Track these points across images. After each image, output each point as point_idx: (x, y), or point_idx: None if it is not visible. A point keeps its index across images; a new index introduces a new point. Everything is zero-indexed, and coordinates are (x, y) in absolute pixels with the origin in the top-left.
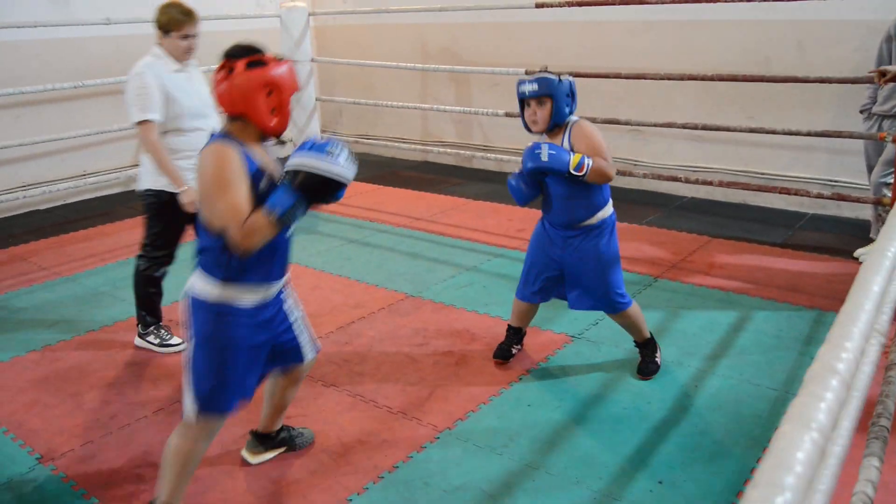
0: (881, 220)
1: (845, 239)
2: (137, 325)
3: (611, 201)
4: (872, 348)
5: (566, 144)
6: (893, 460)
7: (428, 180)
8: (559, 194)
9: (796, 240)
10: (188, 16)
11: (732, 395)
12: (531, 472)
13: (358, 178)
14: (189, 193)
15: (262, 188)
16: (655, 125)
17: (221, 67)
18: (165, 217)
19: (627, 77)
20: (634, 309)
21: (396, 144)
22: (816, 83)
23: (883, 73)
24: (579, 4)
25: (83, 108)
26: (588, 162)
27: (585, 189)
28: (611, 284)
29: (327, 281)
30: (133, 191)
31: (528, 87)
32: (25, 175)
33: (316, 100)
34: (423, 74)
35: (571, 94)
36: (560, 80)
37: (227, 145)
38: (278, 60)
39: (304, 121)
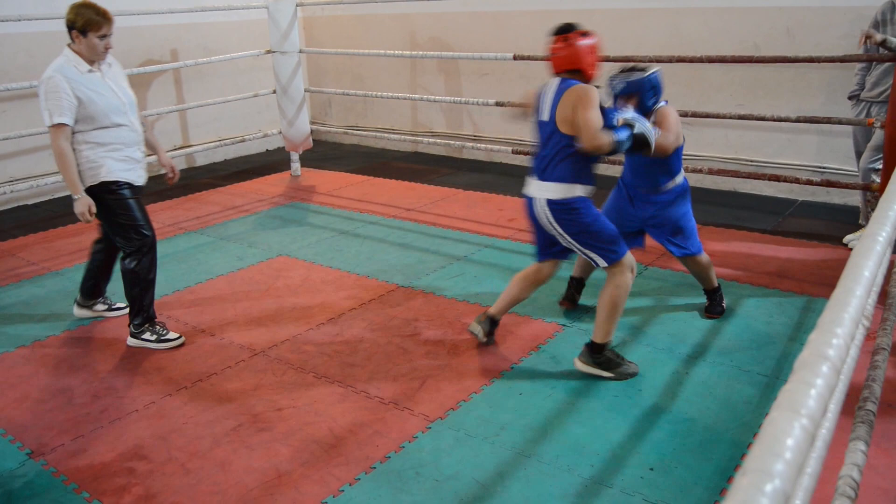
0: (870, 205)
1: (835, 225)
2: (129, 325)
3: (683, 169)
4: (861, 334)
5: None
6: (882, 443)
7: (418, 171)
8: (644, 161)
9: (786, 226)
10: (104, 16)
11: (722, 382)
12: (523, 460)
13: (348, 168)
14: (83, 202)
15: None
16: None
17: (559, 39)
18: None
19: (615, 60)
20: (704, 257)
21: (386, 135)
22: (805, 68)
23: (868, 37)
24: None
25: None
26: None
27: (658, 160)
28: (689, 233)
29: (318, 272)
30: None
31: (618, 87)
32: (13, 169)
33: (305, 91)
34: (413, 64)
35: (655, 87)
36: (646, 76)
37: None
38: (592, 34)
39: (293, 112)
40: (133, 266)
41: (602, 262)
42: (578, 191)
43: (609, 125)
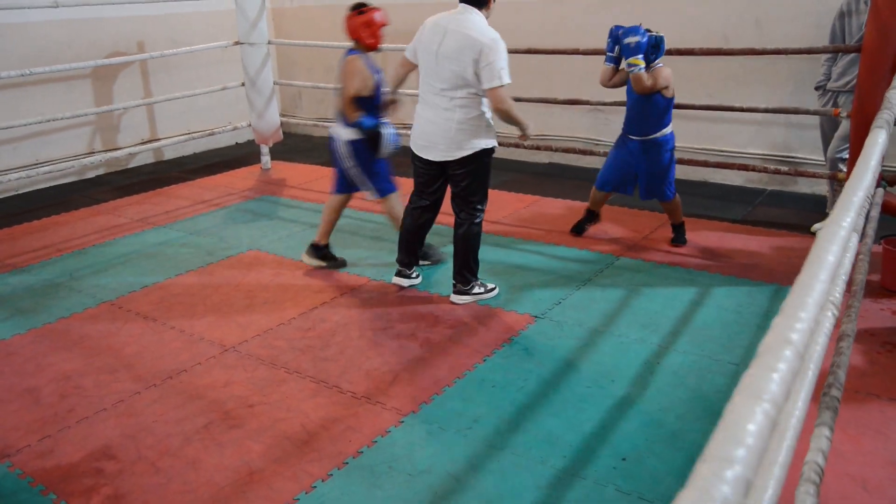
0: (837, 194)
1: (803, 214)
2: (457, 284)
3: (671, 124)
4: (827, 320)
5: None
6: (848, 430)
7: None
8: (637, 111)
9: (755, 216)
10: None
11: (693, 371)
12: (496, 452)
13: (319, 161)
14: (532, 126)
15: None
16: (615, 104)
17: (348, 14)
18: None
19: (584, 53)
20: (677, 199)
21: None
22: (773, 58)
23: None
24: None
25: (33, 94)
26: (640, 68)
27: (654, 109)
28: (669, 181)
29: (288, 267)
30: (86, 179)
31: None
32: None
33: (274, 83)
34: (383, 56)
35: (656, 46)
36: (647, 36)
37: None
38: (372, 10)
39: (263, 105)
40: (479, 228)
41: (372, 196)
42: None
43: (376, 98)
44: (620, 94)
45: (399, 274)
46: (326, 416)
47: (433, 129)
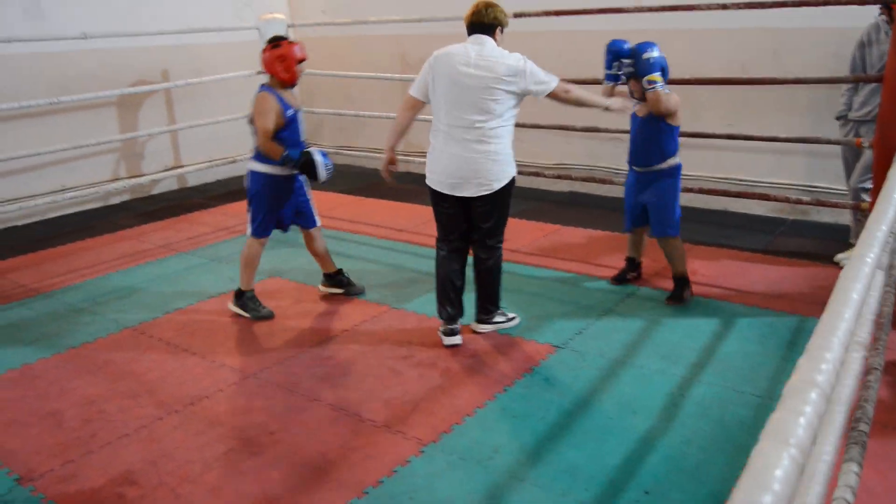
0: (861, 224)
1: (825, 244)
2: (486, 314)
3: (678, 153)
4: (854, 358)
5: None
6: (878, 465)
7: (409, 191)
8: (641, 139)
9: (777, 245)
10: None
11: (716, 403)
12: (517, 484)
13: (339, 189)
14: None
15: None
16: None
17: (265, 49)
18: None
19: (595, 83)
20: (679, 242)
21: (378, 155)
22: (793, 88)
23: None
24: (556, 14)
25: (61, 122)
26: (660, 85)
27: (658, 136)
28: (670, 215)
29: (309, 294)
30: (110, 205)
31: (626, 69)
32: (2, 191)
33: None
34: (404, 85)
35: (662, 70)
36: (665, 60)
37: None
38: (284, 45)
39: None
40: (502, 258)
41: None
42: (264, 168)
43: (289, 132)
44: None
45: (449, 333)
46: (346, 444)
47: (463, 164)
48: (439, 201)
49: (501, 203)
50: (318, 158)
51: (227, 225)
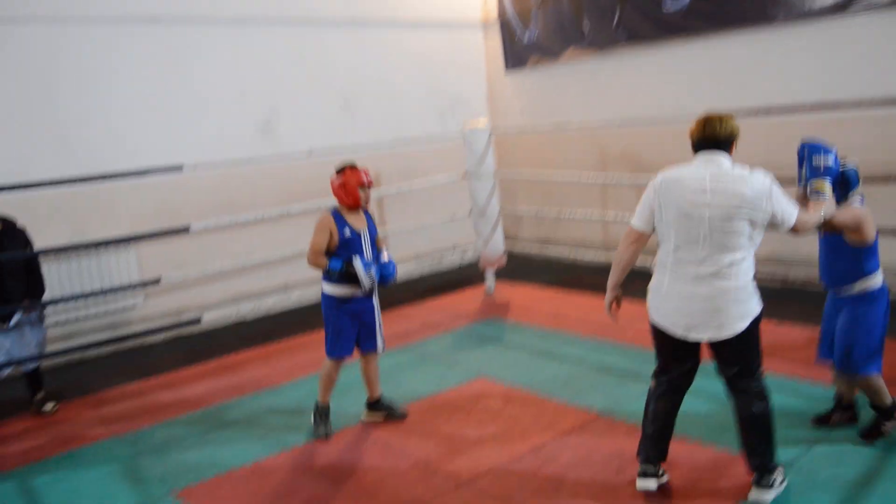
0: None
1: None
2: (761, 477)
3: (880, 274)
4: None
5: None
6: None
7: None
8: (825, 252)
9: None
10: None
11: None
12: None
13: (540, 282)
14: None
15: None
16: None
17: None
18: None
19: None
20: (874, 379)
21: (578, 248)
22: None
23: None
24: (766, 112)
25: (286, 226)
26: (825, 198)
27: (846, 250)
28: (865, 350)
29: (517, 397)
30: None
31: (808, 169)
32: (238, 288)
33: (499, 212)
34: (603, 177)
35: (842, 183)
36: (839, 168)
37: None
38: (346, 172)
39: (489, 231)
40: (768, 396)
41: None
42: (327, 289)
43: (346, 250)
44: None
45: (644, 474)
46: None
47: (696, 305)
48: (659, 337)
49: (747, 345)
50: (359, 265)
51: (433, 321)
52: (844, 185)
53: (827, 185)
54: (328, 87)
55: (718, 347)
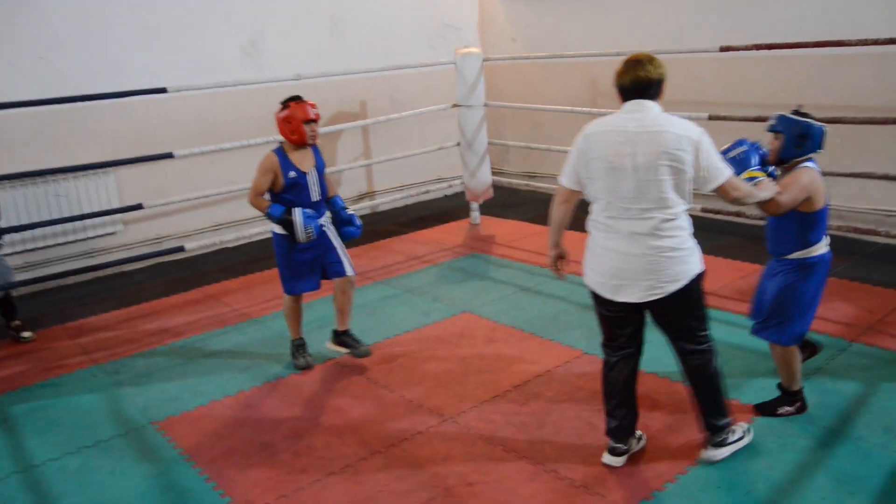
0: None
1: None
2: (716, 434)
3: (822, 245)
4: None
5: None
6: None
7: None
8: (774, 223)
9: None
10: None
11: None
12: None
13: (526, 217)
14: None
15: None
16: (852, 175)
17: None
18: None
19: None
20: (790, 353)
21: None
22: None
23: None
24: (768, 48)
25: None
26: (761, 179)
27: (793, 218)
28: (782, 317)
29: (502, 333)
30: None
31: (769, 122)
32: (221, 216)
33: (488, 143)
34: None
35: (803, 137)
36: (797, 120)
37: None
38: (291, 105)
39: (476, 164)
40: (716, 356)
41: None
42: (276, 228)
43: (291, 193)
44: (853, 156)
45: (613, 451)
46: (545, 503)
47: (629, 263)
48: (598, 305)
49: (690, 305)
50: (298, 220)
51: (418, 254)
52: (806, 139)
53: (757, 172)
54: (315, 8)
55: (654, 308)
